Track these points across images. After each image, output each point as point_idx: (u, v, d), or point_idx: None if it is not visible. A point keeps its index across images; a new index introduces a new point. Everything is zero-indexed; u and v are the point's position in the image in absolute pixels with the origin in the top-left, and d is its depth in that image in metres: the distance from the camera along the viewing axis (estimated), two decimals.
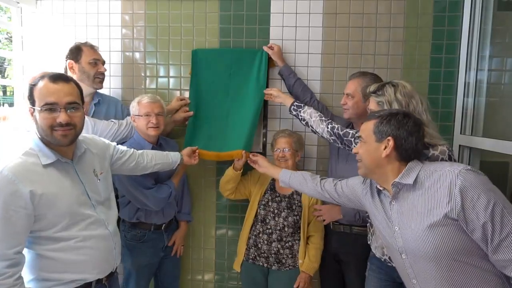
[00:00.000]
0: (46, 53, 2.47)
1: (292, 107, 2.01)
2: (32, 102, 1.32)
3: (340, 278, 2.11)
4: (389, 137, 1.29)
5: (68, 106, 1.32)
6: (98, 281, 1.45)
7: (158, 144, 2.11)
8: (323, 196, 1.69)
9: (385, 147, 1.30)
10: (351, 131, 1.78)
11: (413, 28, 2.23)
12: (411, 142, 1.28)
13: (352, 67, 2.27)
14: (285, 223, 2.07)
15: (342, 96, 2.28)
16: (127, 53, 2.46)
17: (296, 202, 2.09)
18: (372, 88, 1.62)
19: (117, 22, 2.44)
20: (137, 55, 2.46)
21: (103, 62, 2.16)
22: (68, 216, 1.34)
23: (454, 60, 2.21)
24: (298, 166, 2.27)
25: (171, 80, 2.45)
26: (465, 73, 2.16)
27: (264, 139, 2.38)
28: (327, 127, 1.84)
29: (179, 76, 2.44)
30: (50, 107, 1.30)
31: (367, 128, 1.36)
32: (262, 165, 1.98)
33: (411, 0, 2.21)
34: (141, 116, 2.02)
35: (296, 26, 2.31)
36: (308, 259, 2.05)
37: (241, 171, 2.14)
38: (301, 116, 1.97)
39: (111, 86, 2.46)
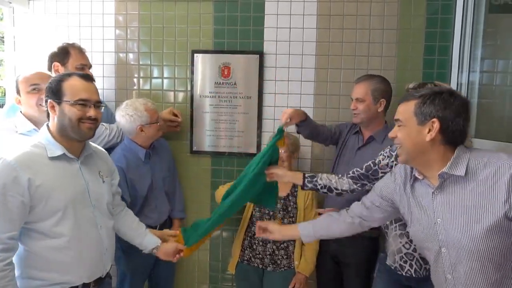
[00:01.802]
0: (39, 53, 2.44)
1: (306, 180, 1.72)
2: (59, 96, 1.38)
3: (338, 279, 2.11)
4: (434, 119, 1.16)
5: (96, 104, 1.44)
6: (85, 285, 1.44)
7: (151, 147, 2.09)
8: (354, 224, 1.51)
9: (429, 130, 1.17)
10: (370, 162, 1.71)
11: (406, 30, 2.24)
12: (459, 123, 1.16)
13: (346, 68, 2.28)
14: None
15: (336, 97, 2.30)
16: (121, 54, 2.45)
17: (292, 204, 2.09)
18: (411, 85, 1.59)
19: (110, 22, 2.43)
20: (131, 56, 2.45)
21: (90, 67, 2.13)
22: (63, 211, 1.35)
23: (447, 61, 2.23)
24: (293, 167, 2.27)
25: (165, 81, 2.44)
26: (457, 75, 2.18)
27: (258, 139, 2.38)
28: (349, 179, 1.74)
29: (173, 77, 2.43)
30: (83, 102, 1.40)
31: (407, 109, 1.22)
32: (274, 233, 1.69)
33: (404, 2, 2.23)
34: (155, 123, 2.00)
35: (290, 28, 2.31)
36: (304, 260, 2.05)
37: None
38: (319, 184, 1.71)
39: (105, 87, 2.45)
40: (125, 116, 1.98)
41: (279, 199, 2.10)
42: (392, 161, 1.66)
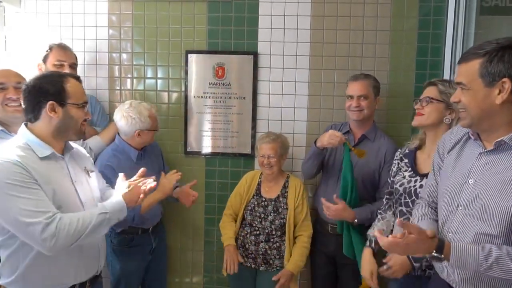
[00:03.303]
0: (31, 54, 2.41)
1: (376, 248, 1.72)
2: (62, 98, 1.36)
3: (333, 280, 2.12)
4: (505, 79, 1.04)
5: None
6: (81, 285, 1.43)
7: (142, 149, 2.08)
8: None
9: (499, 92, 1.05)
10: (387, 179, 1.79)
11: (399, 31, 2.26)
12: None
13: (340, 69, 2.29)
14: (273, 226, 2.07)
15: (330, 98, 2.31)
16: (114, 54, 2.43)
17: (282, 205, 2.09)
18: (436, 79, 1.65)
19: (104, 22, 2.41)
20: (124, 56, 2.43)
21: (72, 64, 2.08)
22: (56, 210, 1.33)
23: (439, 62, 2.25)
24: (286, 167, 2.27)
25: (159, 81, 2.43)
26: (449, 76, 2.20)
27: (253, 140, 2.38)
28: (387, 210, 1.77)
29: (167, 77, 2.42)
30: (84, 105, 1.44)
31: (470, 70, 1.09)
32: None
33: (397, 3, 2.25)
34: (153, 130, 2.00)
35: (284, 28, 2.32)
36: (294, 257, 2.03)
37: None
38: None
39: (98, 87, 2.43)
40: (127, 118, 1.95)
41: (270, 201, 2.11)
42: (404, 163, 1.71)
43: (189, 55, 2.37)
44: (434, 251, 1.08)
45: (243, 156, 2.42)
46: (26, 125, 1.40)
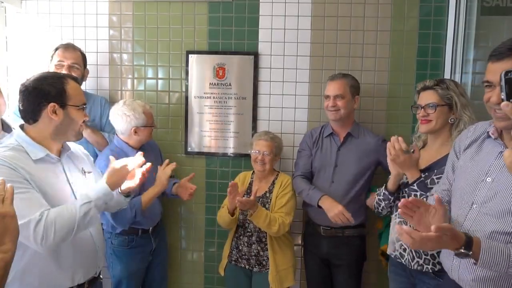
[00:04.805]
0: (32, 54, 2.42)
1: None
2: (63, 100, 1.36)
3: (328, 282, 2.12)
4: None
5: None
6: (79, 286, 1.42)
7: (141, 148, 2.07)
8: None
9: None
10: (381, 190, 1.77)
11: (400, 32, 2.26)
12: None
13: (340, 69, 2.28)
14: None
15: None
16: (115, 55, 2.44)
17: (269, 200, 2.08)
18: (429, 82, 1.64)
19: (104, 23, 2.42)
20: (125, 56, 2.43)
21: (72, 64, 2.07)
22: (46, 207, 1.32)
23: (439, 63, 2.25)
24: (287, 167, 2.27)
25: (160, 82, 2.43)
26: (450, 76, 2.20)
27: None
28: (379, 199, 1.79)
29: (167, 78, 2.42)
30: (84, 107, 1.44)
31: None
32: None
33: (398, 4, 2.25)
34: (149, 127, 2.00)
35: (284, 29, 2.32)
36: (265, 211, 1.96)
37: (236, 215, 2.05)
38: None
39: (98, 87, 2.43)
40: (122, 115, 1.95)
41: (258, 198, 2.07)
42: None
43: (190, 55, 2.38)
44: (463, 247, 1.07)
45: (243, 157, 2.41)
46: (22, 127, 1.38)
